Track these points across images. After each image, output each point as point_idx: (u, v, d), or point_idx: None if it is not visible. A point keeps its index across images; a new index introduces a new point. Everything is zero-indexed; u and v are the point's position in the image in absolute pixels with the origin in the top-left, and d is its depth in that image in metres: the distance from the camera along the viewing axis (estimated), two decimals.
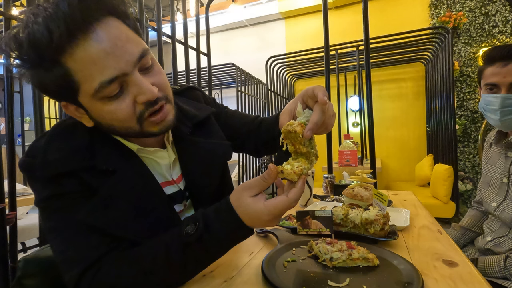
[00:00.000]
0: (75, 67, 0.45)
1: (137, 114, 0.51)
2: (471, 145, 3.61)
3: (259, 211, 0.48)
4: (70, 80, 0.46)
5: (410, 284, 0.48)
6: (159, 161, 0.62)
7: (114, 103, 0.49)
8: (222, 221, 0.50)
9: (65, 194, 0.52)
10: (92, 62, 0.44)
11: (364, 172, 1.01)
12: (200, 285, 0.53)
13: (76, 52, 0.44)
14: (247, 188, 0.50)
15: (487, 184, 1.08)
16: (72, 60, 0.44)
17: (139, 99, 0.49)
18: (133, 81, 0.48)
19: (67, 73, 0.45)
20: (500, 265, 0.90)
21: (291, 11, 4.49)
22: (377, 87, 4.12)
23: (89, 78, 0.46)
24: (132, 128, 0.52)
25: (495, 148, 1.08)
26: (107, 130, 0.54)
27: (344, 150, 2.73)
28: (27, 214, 2.48)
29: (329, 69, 1.82)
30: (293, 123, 0.51)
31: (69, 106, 0.52)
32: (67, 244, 0.51)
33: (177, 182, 0.64)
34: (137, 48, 0.49)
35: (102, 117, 0.51)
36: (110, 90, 0.47)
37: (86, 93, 0.47)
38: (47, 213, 0.53)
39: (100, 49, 0.44)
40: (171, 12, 1.82)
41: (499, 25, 3.46)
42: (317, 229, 0.68)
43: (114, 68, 0.46)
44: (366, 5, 1.69)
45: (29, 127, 6.17)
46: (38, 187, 0.52)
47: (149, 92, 0.49)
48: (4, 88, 1.35)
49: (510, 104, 0.91)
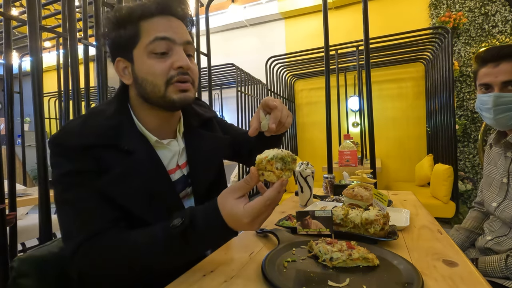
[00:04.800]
0: (144, 27, 0.64)
1: (168, 76, 0.64)
2: (471, 145, 3.61)
3: (239, 214, 0.51)
4: (137, 35, 0.64)
5: (410, 284, 0.48)
6: (171, 149, 0.72)
7: (156, 59, 0.63)
8: (207, 220, 0.53)
9: (85, 171, 0.59)
10: (156, 26, 0.64)
11: (364, 172, 1.01)
12: (200, 285, 0.53)
13: (152, 20, 0.64)
14: (232, 191, 0.54)
15: (489, 185, 1.08)
16: (145, 23, 0.64)
17: (175, 64, 0.63)
18: (177, 51, 0.64)
19: (137, 30, 0.64)
20: (502, 265, 0.90)
21: (291, 11, 4.50)
22: (377, 87, 4.12)
23: (149, 33, 0.63)
24: (158, 87, 0.64)
25: (495, 149, 1.09)
26: (138, 87, 0.66)
27: (344, 150, 2.74)
28: (27, 215, 2.48)
29: (329, 69, 1.82)
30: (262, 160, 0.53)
31: (121, 62, 0.67)
32: (75, 216, 0.58)
33: (181, 168, 0.73)
34: (186, 35, 0.67)
35: (142, 69, 0.64)
36: (159, 46, 0.63)
37: (142, 44, 0.63)
38: (64, 187, 0.59)
39: (164, 21, 0.65)
40: None
41: (498, 25, 3.46)
42: (317, 229, 0.68)
43: (167, 32, 0.64)
44: (366, 5, 1.69)
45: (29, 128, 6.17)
46: (62, 162, 0.60)
47: (185, 62, 0.64)
48: (4, 88, 1.35)
49: (502, 102, 0.93)
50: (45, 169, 1.10)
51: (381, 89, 4.15)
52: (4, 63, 1.28)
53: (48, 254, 0.69)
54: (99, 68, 1.42)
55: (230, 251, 0.69)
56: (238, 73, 3.58)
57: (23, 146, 3.46)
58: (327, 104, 1.84)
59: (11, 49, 1.26)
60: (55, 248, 0.71)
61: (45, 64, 4.88)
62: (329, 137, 1.85)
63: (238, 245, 0.74)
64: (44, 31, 1.42)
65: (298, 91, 4.71)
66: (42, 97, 1.13)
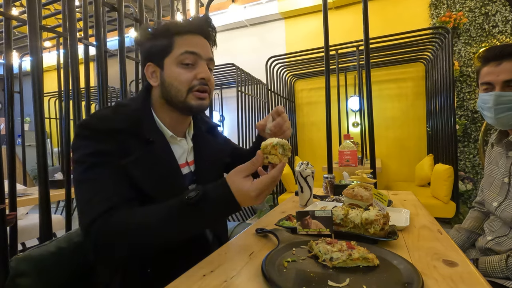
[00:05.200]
0: (177, 41, 0.76)
1: (191, 84, 0.75)
2: (471, 145, 3.61)
3: (248, 188, 0.61)
4: (170, 46, 0.76)
5: (410, 284, 0.48)
6: (182, 146, 0.83)
7: (183, 69, 0.75)
8: (217, 193, 0.62)
9: (110, 152, 0.67)
10: (187, 41, 0.76)
11: (364, 172, 1.01)
12: (200, 285, 0.53)
13: (184, 36, 0.76)
14: (239, 171, 0.63)
15: (490, 185, 1.08)
16: (179, 38, 0.76)
17: (198, 75, 0.76)
18: (201, 64, 0.77)
19: (171, 43, 0.76)
20: (502, 265, 0.89)
21: (291, 11, 4.49)
22: (377, 87, 4.12)
23: (181, 47, 0.75)
24: (181, 93, 0.75)
25: (497, 148, 1.08)
26: (163, 90, 0.77)
27: (344, 150, 2.73)
28: (27, 215, 2.48)
29: (329, 69, 1.82)
30: (267, 145, 0.66)
31: (150, 67, 0.78)
32: (95, 191, 0.64)
33: (189, 164, 0.84)
34: (210, 53, 0.80)
35: (170, 75, 0.75)
36: (188, 58, 0.75)
37: (173, 55, 0.75)
38: (88, 166, 0.66)
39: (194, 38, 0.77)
40: (171, 12, 1.82)
41: (499, 25, 3.46)
42: (317, 229, 0.68)
43: (195, 48, 0.76)
44: (366, 5, 1.69)
45: (29, 127, 6.17)
46: (88, 144, 0.67)
47: (207, 74, 0.77)
48: (4, 88, 1.35)
49: (503, 101, 0.93)
50: (45, 169, 1.10)
51: (381, 89, 4.14)
52: (4, 63, 1.28)
53: (47, 253, 0.69)
54: (99, 68, 1.42)
55: (230, 251, 0.70)
56: (238, 73, 3.57)
57: (23, 146, 3.46)
58: (327, 104, 1.84)
59: (11, 49, 1.27)
60: (54, 248, 0.72)
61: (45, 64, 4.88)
62: (329, 137, 1.84)
63: (238, 245, 0.74)
64: (44, 31, 1.42)
65: (298, 91, 4.71)
66: (42, 97, 1.13)
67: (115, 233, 0.60)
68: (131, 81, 4.04)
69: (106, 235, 0.60)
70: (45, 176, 1.10)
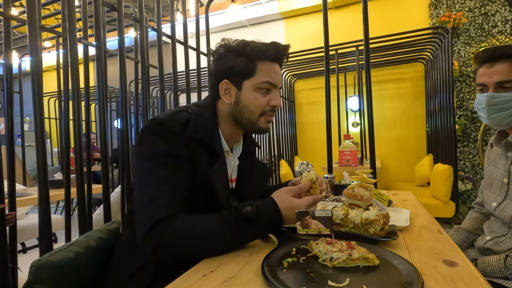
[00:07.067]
0: (260, 67, 0.79)
1: (264, 109, 0.81)
2: (471, 145, 3.61)
3: (298, 203, 0.71)
4: (252, 71, 0.79)
5: (410, 284, 0.48)
6: (230, 163, 0.86)
7: (260, 95, 0.80)
8: (268, 210, 0.70)
9: (182, 158, 0.71)
10: (268, 70, 0.80)
11: (364, 172, 1.01)
12: (200, 285, 0.53)
13: (265, 63, 0.80)
14: (288, 191, 0.74)
15: (490, 186, 1.08)
16: (261, 64, 0.80)
17: (272, 102, 0.81)
18: (275, 92, 0.82)
19: (254, 68, 0.79)
20: (501, 265, 0.90)
21: (291, 11, 4.49)
22: (377, 87, 4.12)
23: (263, 75, 0.79)
24: (254, 115, 0.80)
25: (496, 149, 1.09)
26: (236, 110, 0.81)
27: (344, 150, 2.73)
28: (26, 215, 2.48)
29: (329, 69, 1.82)
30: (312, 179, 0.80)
31: (225, 84, 0.81)
32: (160, 192, 0.67)
33: (232, 182, 0.87)
34: (281, 82, 0.87)
35: (248, 98, 0.79)
36: (265, 86, 0.80)
37: (254, 80, 0.79)
38: (157, 164, 0.69)
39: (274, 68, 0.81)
40: (171, 12, 1.82)
41: (498, 25, 3.46)
42: (317, 229, 0.68)
43: (274, 79, 0.81)
44: (366, 5, 1.69)
45: (29, 127, 6.17)
46: (162, 142, 0.70)
47: (279, 102, 0.82)
48: (4, 88, 1.35)
49: (495, 102, 0.95)
50: (45, 169, 1.10)
51: (381, 89, 4.15)
52: (4, 63, 1.28)
53: (65, 259, 0.68)
54: (99, 68, 1.42)
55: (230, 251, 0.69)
56: None
57: (23, 146, 3.45)
58: (327, 104, 1.84)
59: (11, 49, 1.26)
60: (71, 253, 0.70)
61: (45, 64, 4.88)
62: (329, 137, 1.84)
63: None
64: (44, 31, 1.42)
65: (298, 91, 4.71)
66: (42, 97, 1.13)
67: (179, 237, 0.64)
68: (131, 81, 4.05)
69: (170, 237, 0.63)
70: (44, 176, 1.09)
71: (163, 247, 0.63)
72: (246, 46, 0.80)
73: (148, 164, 0.69)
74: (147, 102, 1.71)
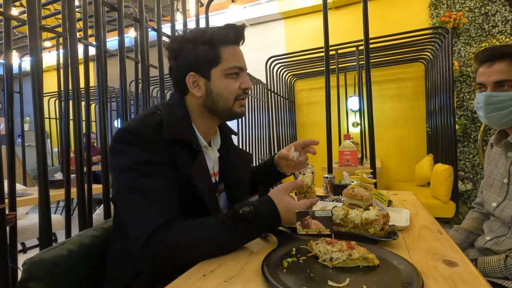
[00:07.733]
0: (224, 52, 0.77)
1: (237, 93, 0.80)
2: (471, 145, 3.61)
3: (295, 204, 0.71)
4: (217, 58, 0.77)
5: (410, 284, 0.48)
6: (211, 156, 0.84)
7: (231, 80, 0.79)
8: (266, 210, 0.69)
9: (162, 163, 0.68)
10: (233, 55, 0.79)
11: (364, 172, 1.01)
12: (200, 285, 0.53)
13: (228, 47, 0.78)
14: (285, 190, 0.74)
15: (490, 186, 1.08)
16: (224, 49, 0.77)
17: (242, 85, 0.80)
18: (243, 75, 0.82)
19: (218, 55, 0.77)
20: (501, 265, 0.90)
21: (291, 11, 4.49)
22: (377, 87, 4.12)
23: (229, 60, 0.78)
24: (229, 101, 0.79)
25: (496, 149, 1.09)
26: (210, 100, 0.79)
27: (344, 150, 2.73)
28: (27, 215, 2.48)
29: (329, 69, 1.82)
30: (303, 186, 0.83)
31: (192, 77, 0.78)
32: (147, 203, 0.64)
33: (215, 175, 0.86)
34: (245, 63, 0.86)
35: (219, 86, 0.78)
36: (234, 71, 0.79)
37: (222, 67, 0.77)
38: (136, 175, 0.66)
39: (236, 51, 0.80)
40: (171, 12, 1.82)
41: (498, 25, 3.46)
42: (317, 229, 0.68)
43: (240, 62, 0.80)
44: (366, 5, 1.69)
45: (29, 127, 6.17)
46: (137, 151, 0.67)
47: (249, 84, 0.82)
48: (4, 88, 1.35)
49: (493, 101, 0.95)
50: (45, 169, 1.10)
51: (381, 89, 4.14)
52: (4, 63, 1.28)
53: (59, 256, 0.68)
54: (99, 68, 1.42)
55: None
56: None
57: (23, 146, 3.46)
58: (327, 104, 1.84)
59: (11, 49, 1.26)
60: (65, 251, 0.70)
61: (45, 64, 4.87)
62: (329, 137, 1.84)
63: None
64: (44, 31, 1.42)
65: (298, 91, 4.71)
66: (42, 97, 1.13)
67: (177, 245, 0.62)
68: (131, 81, 4.05)
69: (168, 247, 0.62)
70: (44, 176, 1.09)
71: (162, 258, 0.62)
72: (205, 34, 0.77)
73: (129, 176, 0.66)
74: (147, 102, 1.71)
